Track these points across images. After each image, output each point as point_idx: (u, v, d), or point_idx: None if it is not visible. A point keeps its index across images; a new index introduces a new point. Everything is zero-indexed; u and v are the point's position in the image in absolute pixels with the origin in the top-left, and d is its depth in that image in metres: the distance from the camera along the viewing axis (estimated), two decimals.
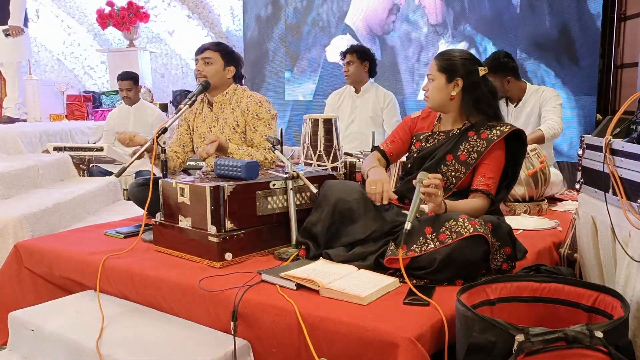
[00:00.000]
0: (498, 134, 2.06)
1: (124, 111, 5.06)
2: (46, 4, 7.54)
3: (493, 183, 2.06)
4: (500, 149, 2.08)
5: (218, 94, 2.81)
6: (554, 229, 2.51)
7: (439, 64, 2.11)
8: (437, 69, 2.11)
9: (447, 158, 2.11)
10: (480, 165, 2.07)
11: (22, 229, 2.87)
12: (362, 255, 1.93)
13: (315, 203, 2.10)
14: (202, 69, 2.76)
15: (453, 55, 2.12)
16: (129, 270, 2.04)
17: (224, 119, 2.79)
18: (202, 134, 2.85)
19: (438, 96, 2.12)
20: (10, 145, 4.34)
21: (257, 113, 2.76)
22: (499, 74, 3.38)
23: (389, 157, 2.29)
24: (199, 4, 7.16)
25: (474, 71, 2.10)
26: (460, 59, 2.10)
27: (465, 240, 1.74)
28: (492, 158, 2.07)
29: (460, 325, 1.41)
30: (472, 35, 5.04)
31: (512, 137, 2.10)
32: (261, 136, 2.75)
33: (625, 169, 1.65)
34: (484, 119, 2.12)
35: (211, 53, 2.79)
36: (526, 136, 2.13)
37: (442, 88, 2.10)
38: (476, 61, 2.14)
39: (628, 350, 1.29)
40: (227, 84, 2.83)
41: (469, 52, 2.20)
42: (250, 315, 1.69)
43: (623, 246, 1.67)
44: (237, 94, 2.82)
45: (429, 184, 1.81)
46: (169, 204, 2.19)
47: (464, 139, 2.11)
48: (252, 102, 2.77)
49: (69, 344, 1.80)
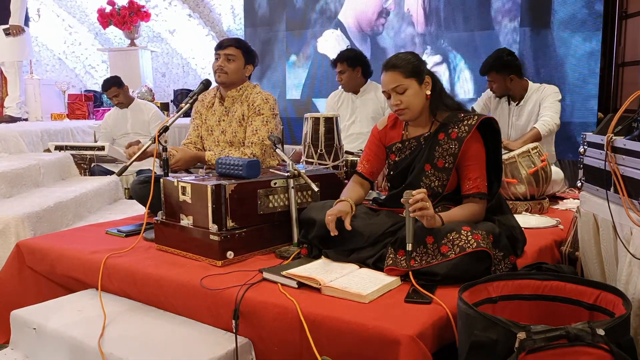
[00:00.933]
0: (467, 129, 1.99)
1: (120, 113, 5.03)
2: (47, 3, 7.54)
3: (481, 181, 2.01)
4: (475, 141, 2.01)
5: (232, 89, 2.83)
6: (556, 227, 2.51)
7: (402, 71, 2.00)
8: (404, 77, 2.00)
9: (426, 168, 2.04)
10: (462, 167, 2.02)
11: (23, 228, 2.88)
12: (360, 259, 1.93)
13: (301, 223, 2.11)
14: (224, 65, 2.76)
15: (407, 58, 2.04)
16: (130, 269, 2.05)
17: (233, 112, 2.82)
18: (210, 127, 2.88)
19: (417, 102, 2.03)
20: (11, 144, 4.34)
21: (259, 108, 2.77)
22: (502, 72, 3.38)
23: (368, 177, 2.23)
24: (199, 3, 7.15)
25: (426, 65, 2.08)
26: (416, 58, 2.06)
27: (468, 255, 1.73)
28: (471, 156, 2.00)
29: (462, 323, 1.41)
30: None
31: (484, 126, 2.03)
32: (253, 131, 2.75)
33: (627, 167, 1.65)
34: (450, 115, 2.05)
35: (234, 50, 2.78)
36: (496, 121, 2.06)
37: (418, 92, 2.03)
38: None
39: (630, 348, 1.29)
40: (242, 82, 2.85)
41: (406, 52, 2.12)
42: (251, 313, 1.69)
43: (625, 244, 1.67)
44: (249, 90, 2.84)
45: (415, 201, 1.76)
46: (170, 202, 2.19)
47: (436, 143, 2.04)
48: (259, 98, 2.79)
49: (71, 343, 1.81)
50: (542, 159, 2.82)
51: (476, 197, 1.99)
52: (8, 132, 4.40)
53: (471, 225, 1.81)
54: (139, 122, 4.97)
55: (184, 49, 7.27)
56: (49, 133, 4.87)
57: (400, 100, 2.02)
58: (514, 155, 2.81)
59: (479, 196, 1.99)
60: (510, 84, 3.42)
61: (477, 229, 1.79)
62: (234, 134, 2.81)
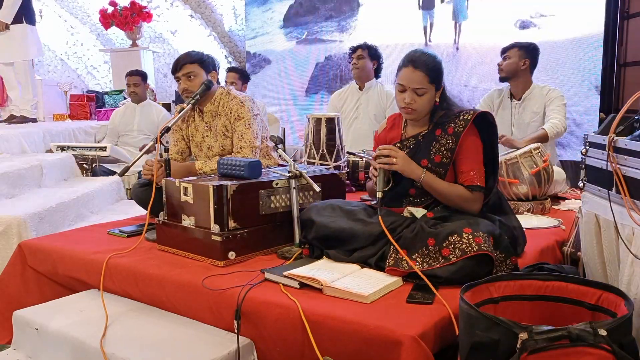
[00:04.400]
0: (463, 124, 1.99)
1: (129, 109, 5.08)
2: (49, 4, 7.56)
3: (475, 174, 2.00)
4: (471, 135, 2.01)
5: (207, 102, 2.79)
6: (557, 228, 2.51)
7: (430, 75, 1.99)
8: (428, 81, 1.99)
9: (423, 163, 2.04)
10: (457, 161, 2.03)
11: (26, 228, 2.88)
12: (362, 259, 1.93)
13: (301, 223, 2.11)
14: (188, 86, 2.70)
15: (437, 62, 2.03)
16: (132, 269, 2.05)
17: (215, 126, 2.79)
18: (199, 143, 2.86)
19: (428, 107, 2.04)
20: (14, 144, 4.35)
21: (238, 113, 2.74)
22: (522, 52, 3.47)
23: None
24: (201, 3, 7.16)
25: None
26: (441, 64, 2.04)
27: (469, 259, 1.74)
28: (466, 149, 2.01)
29: (464, 324, 1.41)
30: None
31: (480, 121, 2.03)
32: (238, 137, 2.73)
33: (629, 167, 1.65)
34: (447, 112, 2.06)
35: (190, 67, 2.72)
36: (492, 115, 2.07)
37: (432, 98, 2.03)
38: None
39: (632, 349, 1.29)
40: (214, 91, 2.79)
41: (432, 52, 2.09)
42: (253, 313, 1.69)
43: (627, 244, 1.67)
44: (223, 99, 2.79)
45: (379, 156, 1.97)
46: (172, 203, 2.19)
47: (433, 139, 2.04)
48: (235, 104, 2.75)
49: (73, 343, 1.81)
50: (544, 160, 2.82)
51: (468, 188, 2.00)
52: (10, 133, 4.42)
53: (472, 227, 1.81)
54: (147, 121, 5.00)
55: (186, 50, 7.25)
56: (51, 134, 4.88)
57: (414, 101, 2.02)
58: (516, 155, 2.81)
59: (471, 188, 2.00)
60: (521, 70, 3.46)
61: (478, 231, 1.79)
62: (221, 147, 2.79)
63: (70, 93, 6.62)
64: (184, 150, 2.93)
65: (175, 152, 2.92)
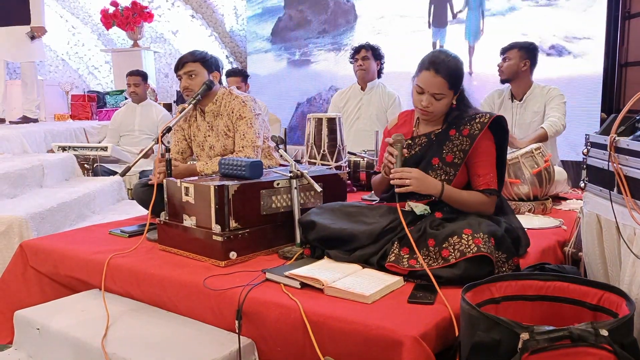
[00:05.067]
0: (479, 127, 2.00)
1: (130, 108, 5.10)
2: (50, 4, 7.56)
3: (492, 177, 2.03)
4: (486, 139, 2.03)
5: (209, 102, 2.78)
6: (559, 228, 2.51)
7: (450, 82, 1.99)
8: (448, 87, 2.00)
9: (434, 162, 2.04)
10: (472, 164, 2.03)
11: (27, 228, 2.88)
12: (362, 257, 1.93)
13: (301, 226, 2.10)
14: (189, 84, 2.71)
15: (459, 69, 2.02)
16: (133, 269, 2.05)
17: (217, 126, 2.79)
18: (200, 143, 2.86)
19: (444, 110, 2.06)
20: (15, 145, 4.35)
21: (240, 113, 2.73)
22: (523, 53, 3.44)
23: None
24: (202, 3, 7.16)
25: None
26: (462, 69, 2.04)
27: (469, 261, 1.74)
28: (482, 153, 2.02)
29: (465, 324, 1.41)
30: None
31: (494, 124, 2.04)
32: (240, 136, 2.73)
33: (630, 167, 1.65)
34: (460, 113, 2.06)
35: (192, 65, 2.73)
36: (506, 121, 2.08)
37: (449, 102, 2.04)
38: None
39: (633, 349, 1.29)
40: (215, 91, 2.79)
41: (455, 55, 2.07)
42: (254, 314, 1.69)
43: (628, 244, 1.67)
44: (225, 99, 2.79)
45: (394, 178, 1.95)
46: (173, 203, 2.19)
47: (446, 139, 2.05)
48: (237, 103, 2.75)
49: (75, 343, 1.81)
50: (546, 160, 2.82)
51: (486, 192, 2.02)
52: (11, 133, 4.42)
53: (473, 228, 1.81)
54: (147, 120, 5.01)
55: (187, 50, 7.24)
56: (52, 134, 4.89)
57: (431, 104, 2.02)
58: (517, 155, 2.81)
59: (489, 192, 2.02)
60: (522, 71, 3.45)
61: (479, 232, 1.79)
62: (223, 147, 2.78)
63: (71, 93, 6.63)
64: (185, 150, 2.93)
65: (176, 152, 2.92)
